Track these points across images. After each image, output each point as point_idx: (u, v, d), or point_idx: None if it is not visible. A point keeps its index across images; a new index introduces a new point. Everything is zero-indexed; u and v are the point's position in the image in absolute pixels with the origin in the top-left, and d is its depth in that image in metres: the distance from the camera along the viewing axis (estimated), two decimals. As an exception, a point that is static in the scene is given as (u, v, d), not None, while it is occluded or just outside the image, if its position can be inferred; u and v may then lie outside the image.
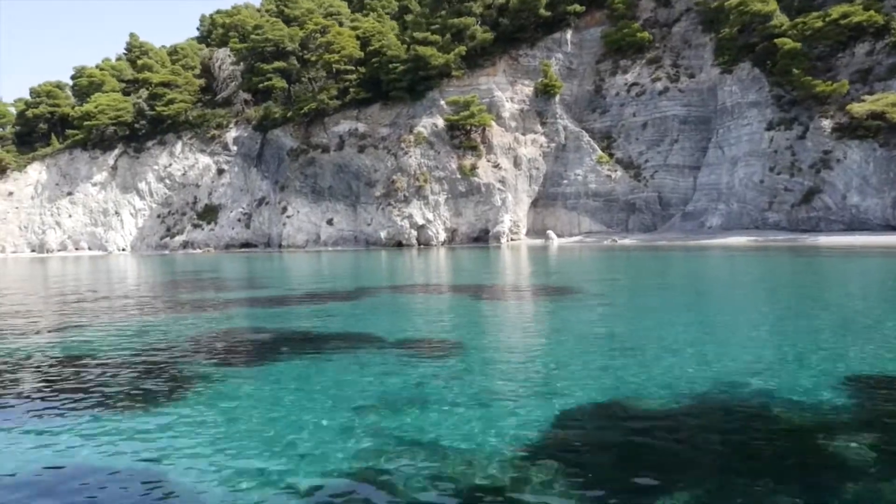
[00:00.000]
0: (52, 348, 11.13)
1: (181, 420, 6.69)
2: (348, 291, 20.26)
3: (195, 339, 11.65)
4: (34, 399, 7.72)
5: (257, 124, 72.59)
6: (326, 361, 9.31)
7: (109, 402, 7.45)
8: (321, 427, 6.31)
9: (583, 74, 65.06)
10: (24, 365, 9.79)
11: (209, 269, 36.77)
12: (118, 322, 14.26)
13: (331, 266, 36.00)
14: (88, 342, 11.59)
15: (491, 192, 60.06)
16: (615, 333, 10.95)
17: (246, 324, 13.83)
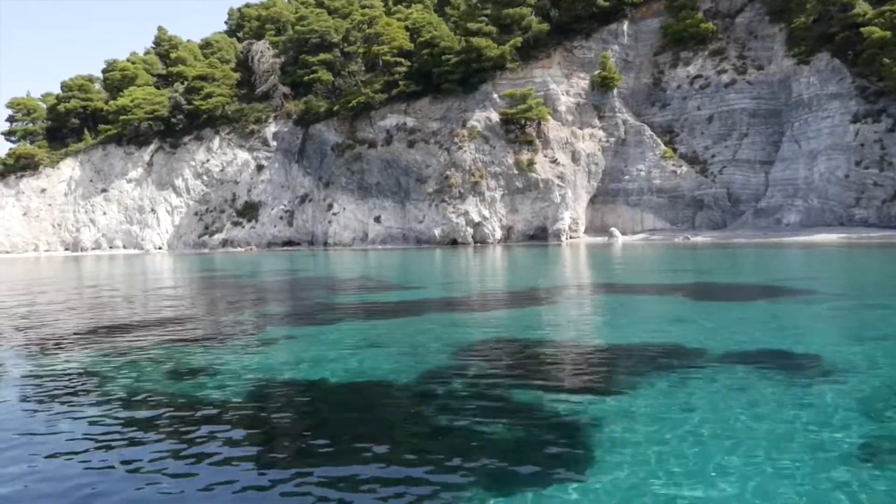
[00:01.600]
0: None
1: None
2: (574, 290, 18.18)
3: (520, 353, 9.56)
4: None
5: (298, 119, 70.45)
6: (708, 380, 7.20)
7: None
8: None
9: (639, 67, 63.01)
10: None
11: (282, 268, 34.66)
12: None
13: (422, 264, 33.89)
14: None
15: (549, 189, 57.97)
16: None
17: (566, 335, 11.71)
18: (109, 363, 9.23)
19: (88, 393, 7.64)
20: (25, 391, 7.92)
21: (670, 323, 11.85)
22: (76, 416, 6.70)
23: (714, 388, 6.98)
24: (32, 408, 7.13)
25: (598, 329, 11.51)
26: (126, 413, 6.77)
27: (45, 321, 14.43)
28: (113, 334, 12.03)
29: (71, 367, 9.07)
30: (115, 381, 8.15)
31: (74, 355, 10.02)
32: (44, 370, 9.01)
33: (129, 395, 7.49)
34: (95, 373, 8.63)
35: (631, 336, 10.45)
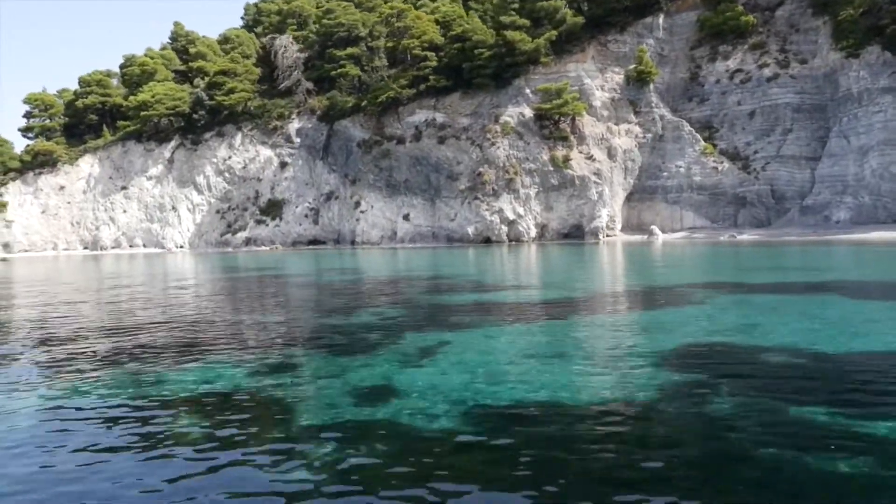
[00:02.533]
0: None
1: None
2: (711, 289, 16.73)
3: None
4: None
5: (323, 114, 69.03)
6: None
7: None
8: None
9: (675, 61, 61.58)
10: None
11: (332, 267, 33.22)
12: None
13: (482, 263, 32.44)
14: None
15: (586, 186, 56.54)
16: None
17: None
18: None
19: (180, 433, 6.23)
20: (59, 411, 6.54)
21: (869, 324, 10.43)
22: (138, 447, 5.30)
23: None
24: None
25: (802, 333, 10.06)
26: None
27: (65, 333, 13.00)
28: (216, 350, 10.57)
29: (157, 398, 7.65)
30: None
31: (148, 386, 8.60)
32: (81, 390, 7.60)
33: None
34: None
35: (854, 342, 9.05)
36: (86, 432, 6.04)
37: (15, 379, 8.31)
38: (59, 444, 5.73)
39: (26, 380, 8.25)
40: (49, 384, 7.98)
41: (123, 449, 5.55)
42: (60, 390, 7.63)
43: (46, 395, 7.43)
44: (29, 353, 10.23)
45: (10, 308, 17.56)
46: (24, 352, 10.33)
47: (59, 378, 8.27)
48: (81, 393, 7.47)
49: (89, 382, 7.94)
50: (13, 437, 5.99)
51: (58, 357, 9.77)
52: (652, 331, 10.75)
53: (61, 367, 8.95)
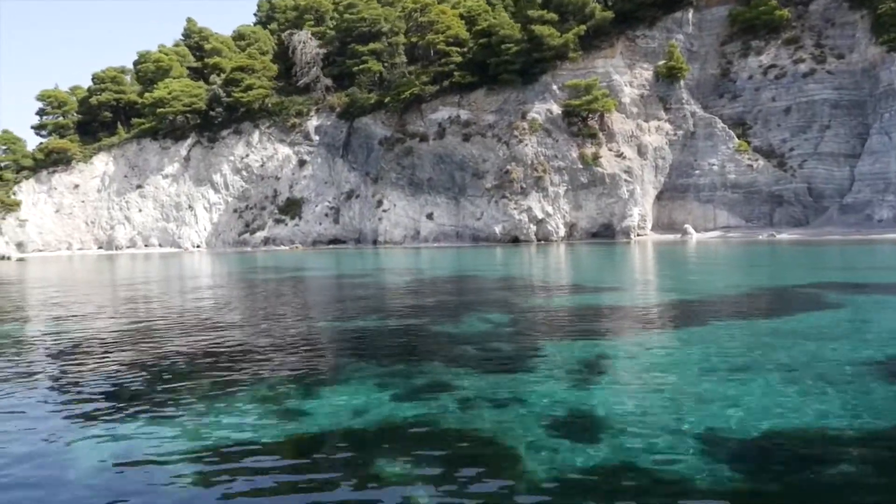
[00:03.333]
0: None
1: None
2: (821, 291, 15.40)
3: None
4: None
5: (342, 112, 67.68)
6: None
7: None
8: None
9: (705, 57, 60.27)
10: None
11: (374, 267, 31.87)
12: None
13: (534, 263, 31.11)
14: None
15: (616, 184, 55.24)
16: None
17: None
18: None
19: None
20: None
21: None
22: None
23: None
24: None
25: None
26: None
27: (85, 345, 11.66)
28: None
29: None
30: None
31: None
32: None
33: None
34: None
35: None
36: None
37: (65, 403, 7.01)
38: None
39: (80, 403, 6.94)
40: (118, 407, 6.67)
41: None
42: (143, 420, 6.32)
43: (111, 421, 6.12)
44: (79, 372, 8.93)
45: (36, 315, 16.25)
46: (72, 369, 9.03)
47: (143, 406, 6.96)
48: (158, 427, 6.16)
49: (166, 420, 6.63)
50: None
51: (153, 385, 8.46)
52: (821, 337, 9.40)
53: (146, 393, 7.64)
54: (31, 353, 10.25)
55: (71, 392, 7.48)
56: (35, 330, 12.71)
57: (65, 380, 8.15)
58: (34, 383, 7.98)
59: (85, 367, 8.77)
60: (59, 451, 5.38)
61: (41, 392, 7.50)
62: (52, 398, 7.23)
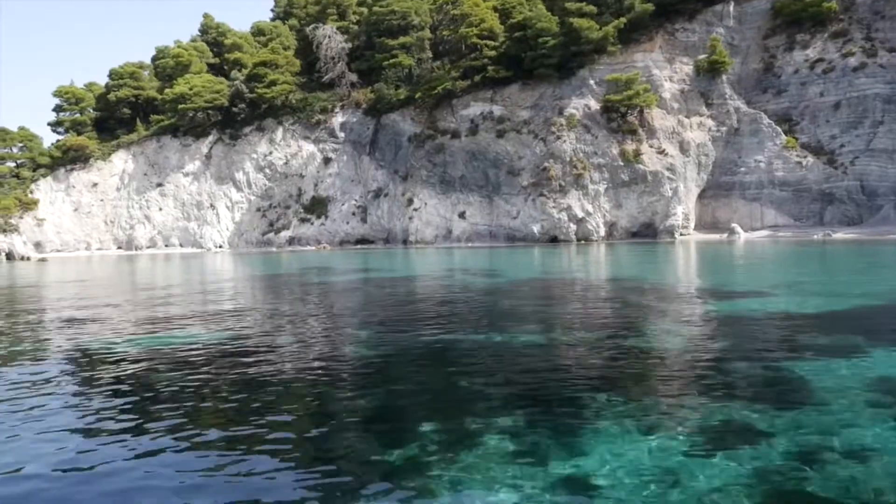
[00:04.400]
0: None
1: None
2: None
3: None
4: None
5: (369, 108, 65.82)
6: None
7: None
8: None
9: (746, 51, 58.51)
10: None
11: (443, 267, 29.99)
12: None
13: (609, 262, 29.28)
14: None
15: (659, 182, 53.45)
16: None
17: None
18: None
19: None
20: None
21: None
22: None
23: None
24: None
25: None
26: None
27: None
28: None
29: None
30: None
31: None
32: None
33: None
34: None
35: None
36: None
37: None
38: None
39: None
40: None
41: None
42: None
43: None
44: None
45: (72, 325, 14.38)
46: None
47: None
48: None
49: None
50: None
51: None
52: None
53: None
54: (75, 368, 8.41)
55: (122, 411, 6.30)
56: (68, 342, 10.86)
57: (120, 397, 6.38)
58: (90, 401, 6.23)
59: (142, 387, 6.94)
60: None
61: (91, 416, 6.28)
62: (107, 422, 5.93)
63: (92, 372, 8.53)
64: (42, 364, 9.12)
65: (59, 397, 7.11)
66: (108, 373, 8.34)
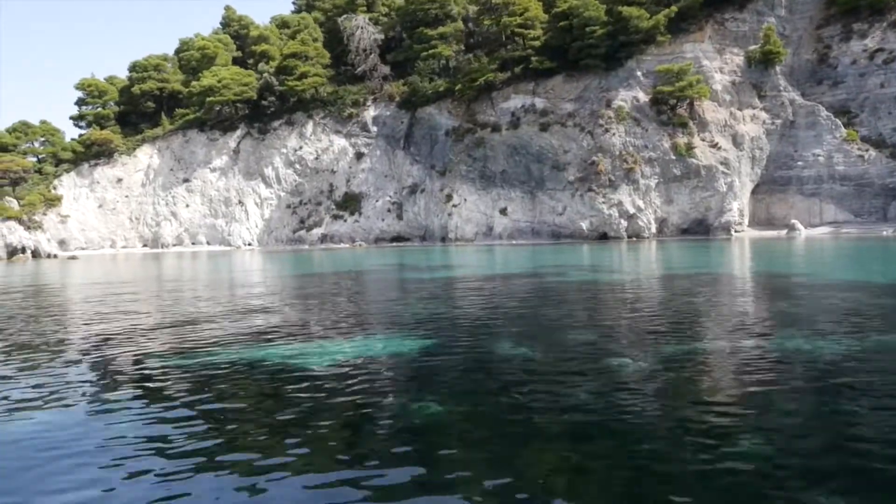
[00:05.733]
0: None
1: None
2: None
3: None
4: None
5: (403, 101, 63.76)
6: None
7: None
8: None
9: (798, 41, 56.47)
10: None
11: (528, 266, 27.92)
12: None
13: (711, 261, 27.25)
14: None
15: (713, 176, 51.45)
16: None
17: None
18: None
19: None
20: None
21: None
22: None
23: None
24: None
25: None
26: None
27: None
28: None
29: None
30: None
31: None
32: None
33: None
34: None
35: None
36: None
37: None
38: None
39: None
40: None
41: None
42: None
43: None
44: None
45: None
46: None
47: None
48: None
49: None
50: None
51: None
52: None
53: None
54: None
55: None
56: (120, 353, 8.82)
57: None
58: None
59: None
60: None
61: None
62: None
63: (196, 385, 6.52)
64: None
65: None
66: (209, 386, 6.33)
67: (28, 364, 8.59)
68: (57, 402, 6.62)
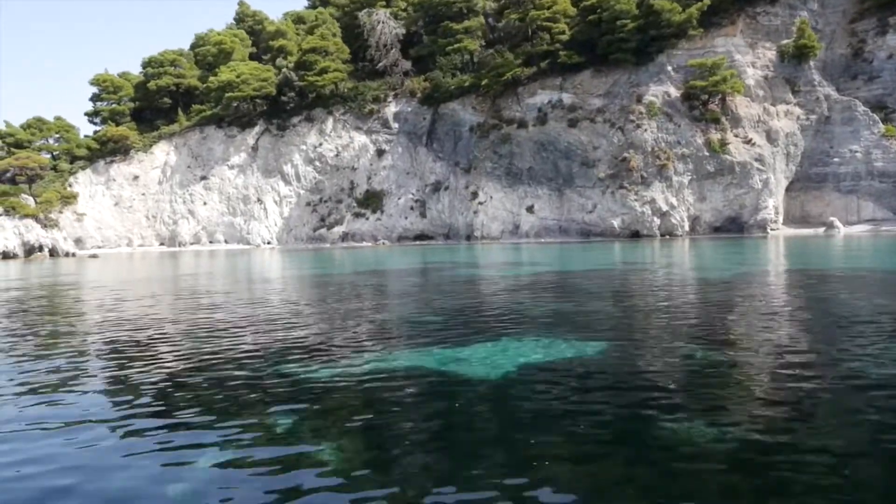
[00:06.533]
0: None
1: None
2: None
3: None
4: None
5: (425, 97, 62.59)
6: None
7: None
8: None
9: (831, 35, 55.41)
10: None
11: (600, 265, 26.76)
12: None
13: (799, 260, 26.14)
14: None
15: (747, 173, 50.37)
16: None
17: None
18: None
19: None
20: None
21: None
22: None
23: None
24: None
25: None
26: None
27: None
28: None
29: None
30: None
31: None
32: None
33: None
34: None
35: None
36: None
37: None
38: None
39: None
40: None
41: None
42: None
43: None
44: None
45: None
46: None
47: None
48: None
49: None
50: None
51: None
52: None
53: None
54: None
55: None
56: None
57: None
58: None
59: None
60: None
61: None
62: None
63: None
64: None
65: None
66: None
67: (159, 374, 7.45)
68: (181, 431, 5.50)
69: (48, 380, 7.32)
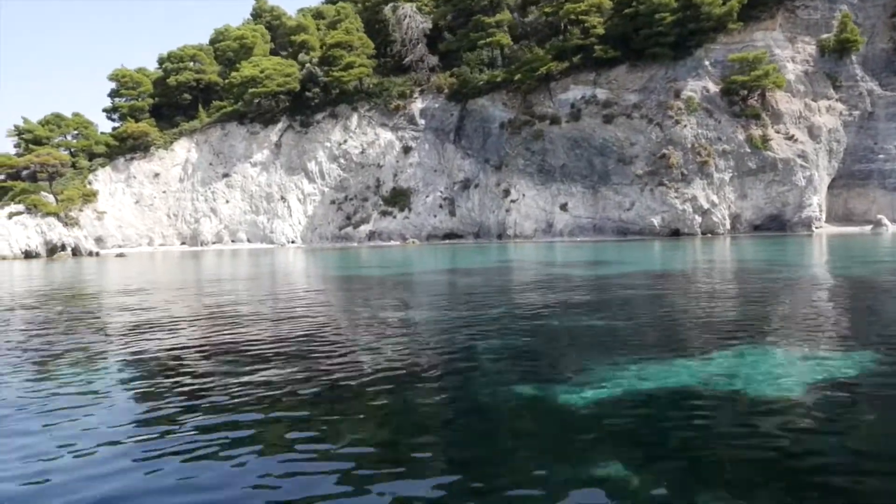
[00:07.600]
0: None
1: None
2: None
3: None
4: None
5: (452, 93, 61.27)
6: None
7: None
8: None
9: (872, 30, 54.20)
10: None
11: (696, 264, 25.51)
12: None
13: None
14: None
15: (790, 170, 49.16)
16: None
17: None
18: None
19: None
20: None
21: None
22: None
23: None
24: None
25: None
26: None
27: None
28: None
29: None
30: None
31: None
32: None
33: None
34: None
35: None
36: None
37: None
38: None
39: None
40: None
41: None
42: None
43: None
44: None
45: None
46: None
47: None
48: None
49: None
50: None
51: None
52: None
53: None
54: None
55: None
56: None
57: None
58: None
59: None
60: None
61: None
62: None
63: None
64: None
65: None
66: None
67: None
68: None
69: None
